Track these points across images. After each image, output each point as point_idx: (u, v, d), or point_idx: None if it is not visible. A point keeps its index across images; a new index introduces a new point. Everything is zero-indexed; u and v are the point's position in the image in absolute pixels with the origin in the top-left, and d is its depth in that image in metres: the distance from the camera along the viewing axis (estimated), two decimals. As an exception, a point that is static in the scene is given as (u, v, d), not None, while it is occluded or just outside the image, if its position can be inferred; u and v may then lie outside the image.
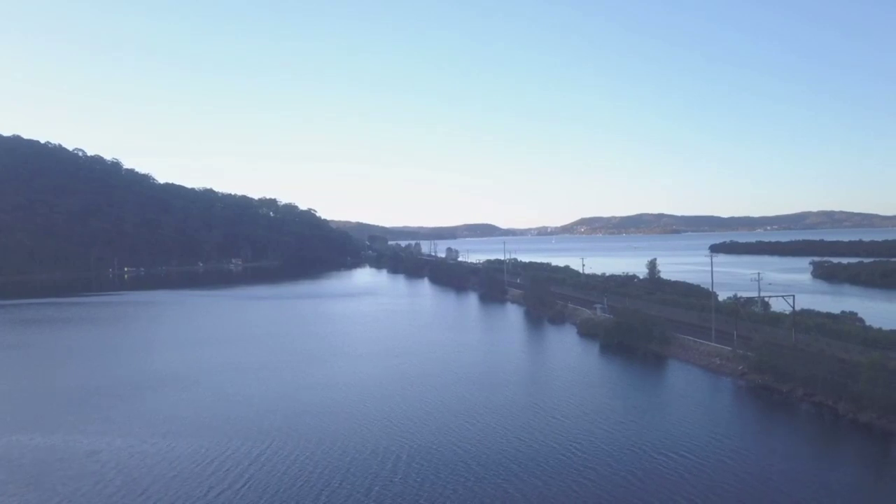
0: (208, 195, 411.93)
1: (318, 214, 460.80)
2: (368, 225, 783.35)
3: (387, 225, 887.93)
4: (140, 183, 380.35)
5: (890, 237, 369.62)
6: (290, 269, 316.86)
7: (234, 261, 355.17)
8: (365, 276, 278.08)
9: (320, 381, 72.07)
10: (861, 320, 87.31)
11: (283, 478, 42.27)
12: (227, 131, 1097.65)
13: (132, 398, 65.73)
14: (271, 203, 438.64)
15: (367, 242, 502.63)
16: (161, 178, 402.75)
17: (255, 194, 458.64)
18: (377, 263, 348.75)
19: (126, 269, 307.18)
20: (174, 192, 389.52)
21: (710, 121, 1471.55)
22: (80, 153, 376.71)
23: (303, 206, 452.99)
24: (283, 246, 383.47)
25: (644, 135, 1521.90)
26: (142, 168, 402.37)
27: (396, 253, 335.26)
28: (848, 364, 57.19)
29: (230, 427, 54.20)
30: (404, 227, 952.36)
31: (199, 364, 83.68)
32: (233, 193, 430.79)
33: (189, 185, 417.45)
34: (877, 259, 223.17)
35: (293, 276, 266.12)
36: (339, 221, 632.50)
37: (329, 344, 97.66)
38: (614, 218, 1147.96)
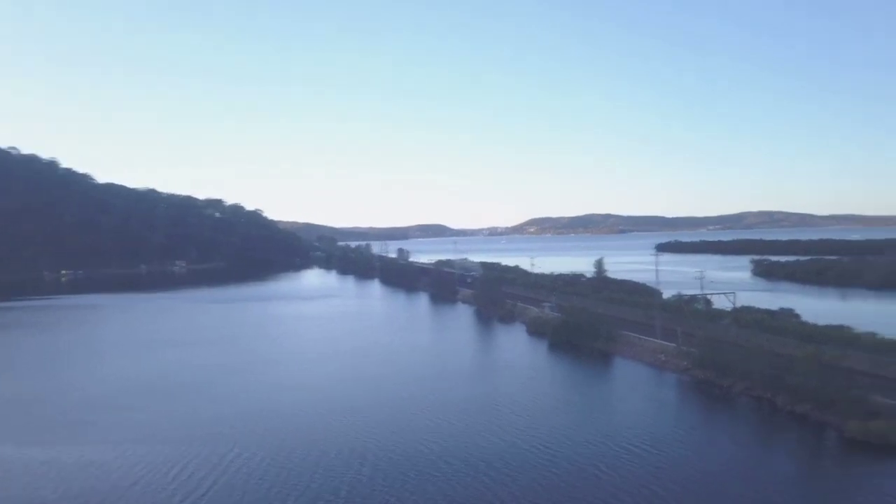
0: (151, 195, 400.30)
1: (265, 215, 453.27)
2: (317, 225, 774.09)
3: (336, 225, 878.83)
4: (79, 183, 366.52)
5: (825, 236, 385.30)
6: (237, 270, 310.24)
7: (178, 263, 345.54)
8: (314, 278, 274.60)
9: (277, 383, 71.19)
10: (797, 316, 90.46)
11: (249, 482, 41.67)
12: (171, 131, 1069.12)
13: (82, 405, 63.59)
14: (217, 203, 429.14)
15: (316, 243, 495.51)
16: (101, 179, 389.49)
17: (201, 195, 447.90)
18: (326, 264, 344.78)
19: (63, 271, 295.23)
20: (115, 193, 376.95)
21: (654, 123, 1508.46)
22: (14, 151, 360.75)
23: (250, 207, 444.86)
24: (229, 247, 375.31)
25: (592, 136, 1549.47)
26: (80, 168, 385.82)
27: (346, 254, 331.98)
28: (785, 358, 59.23)
29: (190, 432, 53.09)
30: (354, 228, 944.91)
31: (152, 369, 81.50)
32: (177, 194, 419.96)
33: (131, 185, 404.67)
34: (812, 257, 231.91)
35: (240, 278, 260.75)
36: (288, 222, 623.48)
37: (281, 346, 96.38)
38: (563, 218, 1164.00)
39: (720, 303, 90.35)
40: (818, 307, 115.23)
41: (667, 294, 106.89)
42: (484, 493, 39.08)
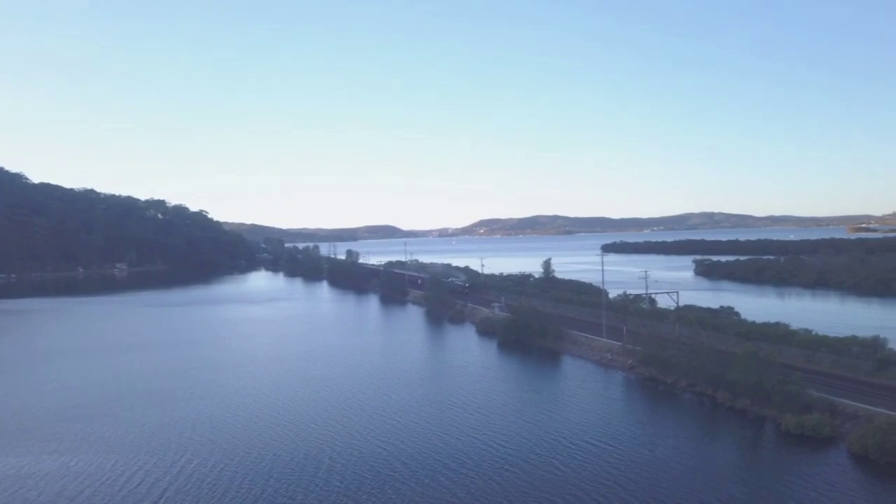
0: (89, 196, 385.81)
1: (210, 216, 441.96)
2: (264, 227, 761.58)
3: (284, 227, 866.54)
4: (10, 182, 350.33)
5: (763, 237, 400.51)
6: (180, 273, 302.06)
7: (118, 265, 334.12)
8: (261, 280, 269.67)
9: (226, 387, 69.77)
10: (737, 314, 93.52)
11: (201, 489, 40.69)
12: (111, 130, 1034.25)
13: (20, 416, 60.70)
14: (159, 204, 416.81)
15: (263, 245, 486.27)
16: (35, 178, 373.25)
17: (143, 195, 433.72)
18: (273, 266, 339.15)
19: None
20: (50, 193, 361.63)
21: (599, 125, 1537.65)
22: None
23: (194, 208, 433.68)
24: (172, 249, 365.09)
25: (540, 139, 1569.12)
26: (13, 167, 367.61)
27: (294, 255, 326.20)
28: (725, 355, 61.09)
29: (137, 440, 51.47)
30: (302, 229, 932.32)
31: (93, 376, 78.49)
32: (117, 194, 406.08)
33: (67, 185, 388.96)
34: (751, 257, 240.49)
35: (184, 281, 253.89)
36: (233, 223, 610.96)
37: (229, 350, 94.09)
38: (512, 220, 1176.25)
39: (664, 302, 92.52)
40: (757, 305, 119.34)
41: (612, 293, 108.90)
42: (442, 493, 39.13)
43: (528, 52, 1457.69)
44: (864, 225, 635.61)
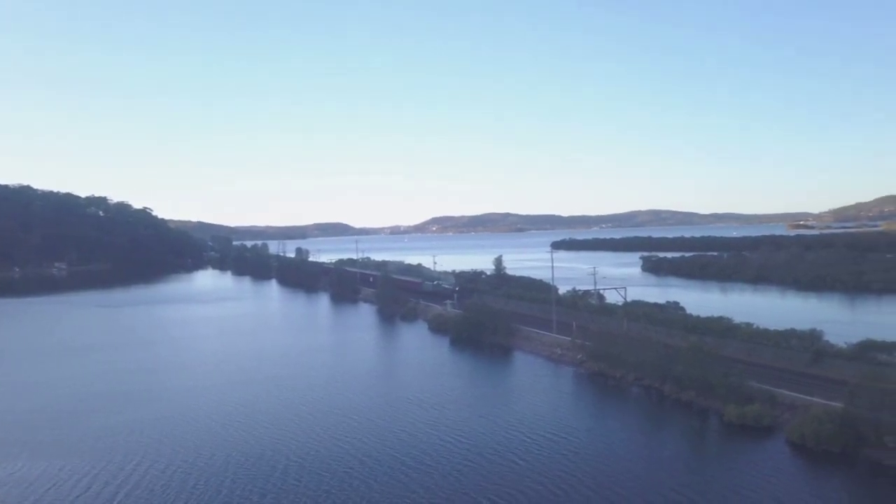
0: (25, 192, 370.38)
1: (154, 214, 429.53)
2: (211, 224, 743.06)
3: (231, 224, 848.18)
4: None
5: (707, 234, 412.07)
6: (124, 272, 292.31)
7: (57, 265, 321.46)
8: (207, 279, 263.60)
9: (175, 388, 68.23)
10: (683, 309, 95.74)
11: (153, 492, 39.84)
12: (53, 125, 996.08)
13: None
14: (100, 201, 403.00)
15: (210, 243, 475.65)
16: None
17: (83, 192, 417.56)
18: (221, 265, 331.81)
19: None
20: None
21: (549, 124, 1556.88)
22: None
23: (137, 205, 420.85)
24: (114, 248, 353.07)
25: (490, 135, 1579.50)
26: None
27: (242, 254, 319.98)
28: (671, 349, 62.52)
29: (86, 444, 49.96)
30: (251, 227, 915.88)
31: (35, 379, 75.68)
32: (56, 191, 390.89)
33: (1, 181, 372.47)
34: (696, 253, 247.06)
35: (128, 281, 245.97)
36: (179, 221, 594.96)
37: (178, 351, 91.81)
38: (464, 217, 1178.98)
39: (612, 297, 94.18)
40: (701, 300, 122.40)
41: (562, 290, 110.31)
42: (402, 490, 39.05)
43: (483, 47, 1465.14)
44: (802, 222, 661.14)
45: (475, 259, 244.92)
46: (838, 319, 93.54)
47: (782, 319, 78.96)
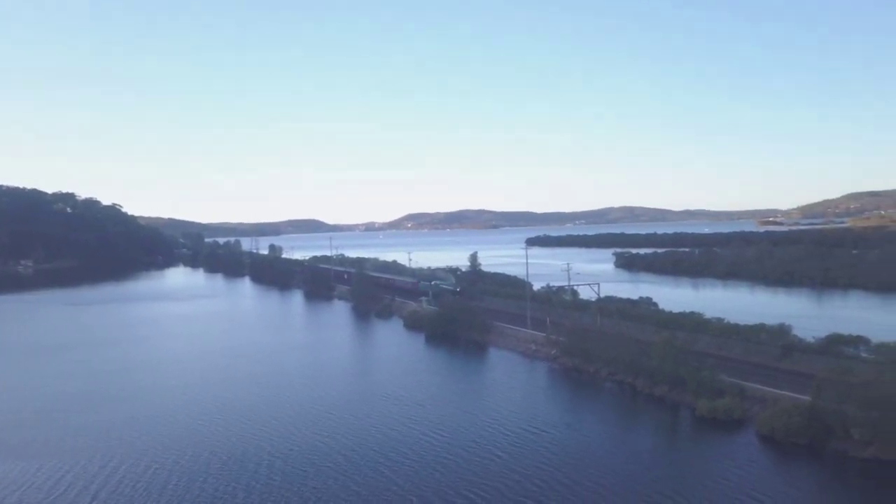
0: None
1: (123, 210, 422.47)
2: (183, 221, 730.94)
3: (203, 221, 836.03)
4: None
5: (679, 230, 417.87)
6: (93, 270, 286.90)
7: (23, 262, 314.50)
8: (179, 277, 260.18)
9: (153, 387, 67.33)
10: (655, 304, 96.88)
11: (135, 492, 39.24)
12: (16, 119, 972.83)
13: None
14: (68, 197, 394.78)
15: (182, 240, 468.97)
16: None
17: (50, 188, 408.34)
18: (193, 262, 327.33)
19: None
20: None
21: (525, 123, 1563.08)
22: None
23: (106, 201, 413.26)
24: (81, 245, 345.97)
25: (467, 133, 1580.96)
26: None
27: (214, 250, 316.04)
28: (644, 344, 63.21)
29: (62, 445, 48.99)
30: (223, 223, 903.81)
31: (16, 377, 74.61)
32: (21, 187, 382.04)
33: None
34: (668, 249, 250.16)
35: (95, 279, 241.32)
36: (150, 217, 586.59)
37: (152, 350, 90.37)
38: (439, 214, 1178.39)
39: (586, 293, 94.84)
40: (673, 296, 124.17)
41: (537, 286, 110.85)
42: (387, 485, 39.14)
43: (461, 41, 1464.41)
44: (772, 219, 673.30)
45: (450, 255, 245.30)
46: (806, 314, 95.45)
47: (752, 314, 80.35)
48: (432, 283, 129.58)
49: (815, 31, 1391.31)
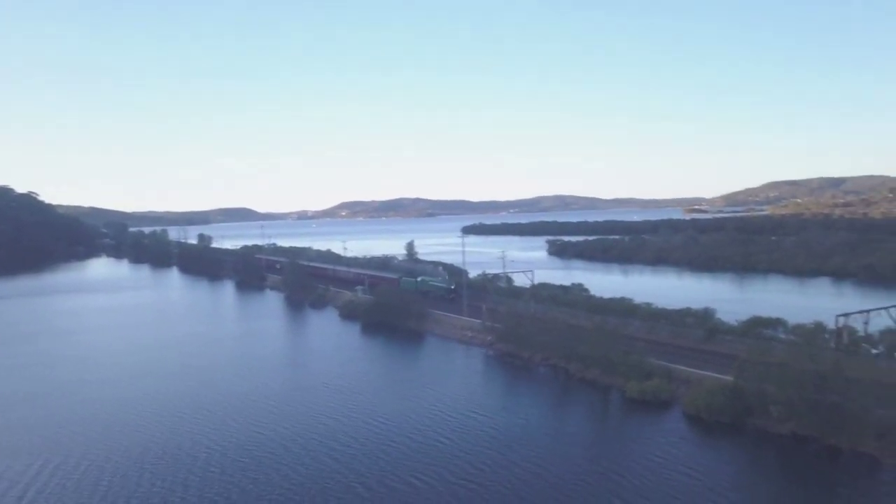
0: None
1: (40, 199, 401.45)
2: (105, 210, 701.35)
3: (127, 210, 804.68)
4: None
5: (609, 218, 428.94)
6: (7, 261, 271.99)
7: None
8: (102, 268, 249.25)
9: (78, 382, 64.67)
10: (587, 290, 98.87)
11: (65, 491, 37.85)
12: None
13: None
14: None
15: (104, 230, 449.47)
16: None
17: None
18: (117, 253, 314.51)
19: None
20: None
21: (457, 109, 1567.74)
22: None
23: (21, 189, 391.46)
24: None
25: (403, 121, 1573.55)
26: None
27: (139, 240, 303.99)
28: (576, 329, 64.56)
29: None
30: (148, 213, 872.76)
31: None
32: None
33: None
34: (599, 236, 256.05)
35: (10, 270, 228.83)
36: (69, 206, 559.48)
37: (74, 345, 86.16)
38: (375, 202, 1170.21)
39: (520, 280, 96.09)
40: (604, 282, 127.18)
41: (472, 273, 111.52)
42: (331, 474, 38.90)
43: (393, 32, 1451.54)
44: (697, 207, 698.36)
45: (386, 244, 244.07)
46: (729, 298, 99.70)
47: (679, 299, 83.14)
48: (418, 279, 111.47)
49: (738, 26, 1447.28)
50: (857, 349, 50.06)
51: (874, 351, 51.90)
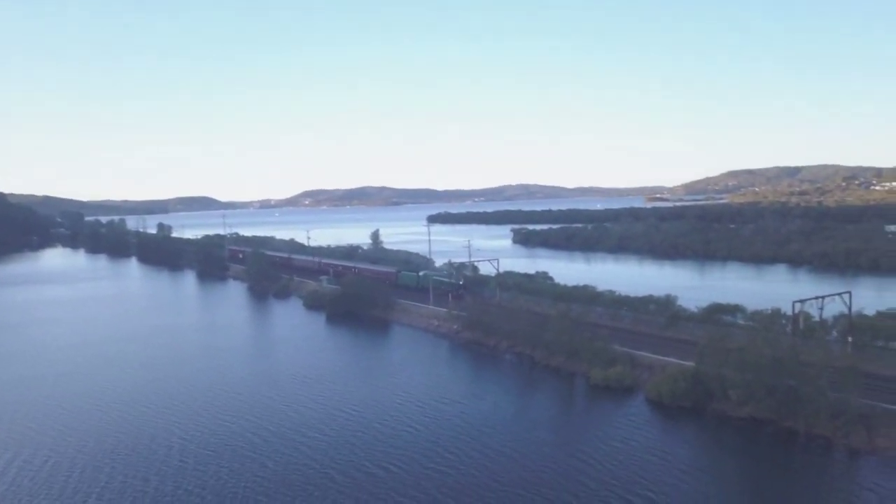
0: None
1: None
2: (59, 199, 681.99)
3: (83, 199, 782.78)
4: None
5: (572, 206, 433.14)
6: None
7: None
8: (57, 259, 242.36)
9: (35, 376, 63.14)
10: (551, 278, 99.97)
11: (35, 486, 37.03)
12: None
13: None
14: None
15: (59, 219, 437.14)
16: None
17: None
18: (72, 243, 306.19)
19: None
20: None
21: (425, 101, 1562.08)
22: None
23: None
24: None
25: (367, 109, 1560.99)
26: None
27: (96, 230, 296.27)
28: (541, 317, 65.16)
29: None
30: (105, 201, 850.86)
31: None
32: None
33: None
34: (562, 225, 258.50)
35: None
36: (22, 195, 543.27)
37: (25, 339, 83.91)
38: (339, 190, 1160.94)
39: (486, 269, 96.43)
40: (568, 270, 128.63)
41: (438, 262, 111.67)
42: (307, 462, 38.89)
43: (359, 21, 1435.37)
44: (658, 195, 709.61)
45: (351, 233, 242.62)
46: (690, 285, 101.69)
47: (641, 286, 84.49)
48: (420, 273, 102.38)
49: (695, 18, 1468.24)
50: (812, 335, 51.46)
51: (828, 336, 53.44)
